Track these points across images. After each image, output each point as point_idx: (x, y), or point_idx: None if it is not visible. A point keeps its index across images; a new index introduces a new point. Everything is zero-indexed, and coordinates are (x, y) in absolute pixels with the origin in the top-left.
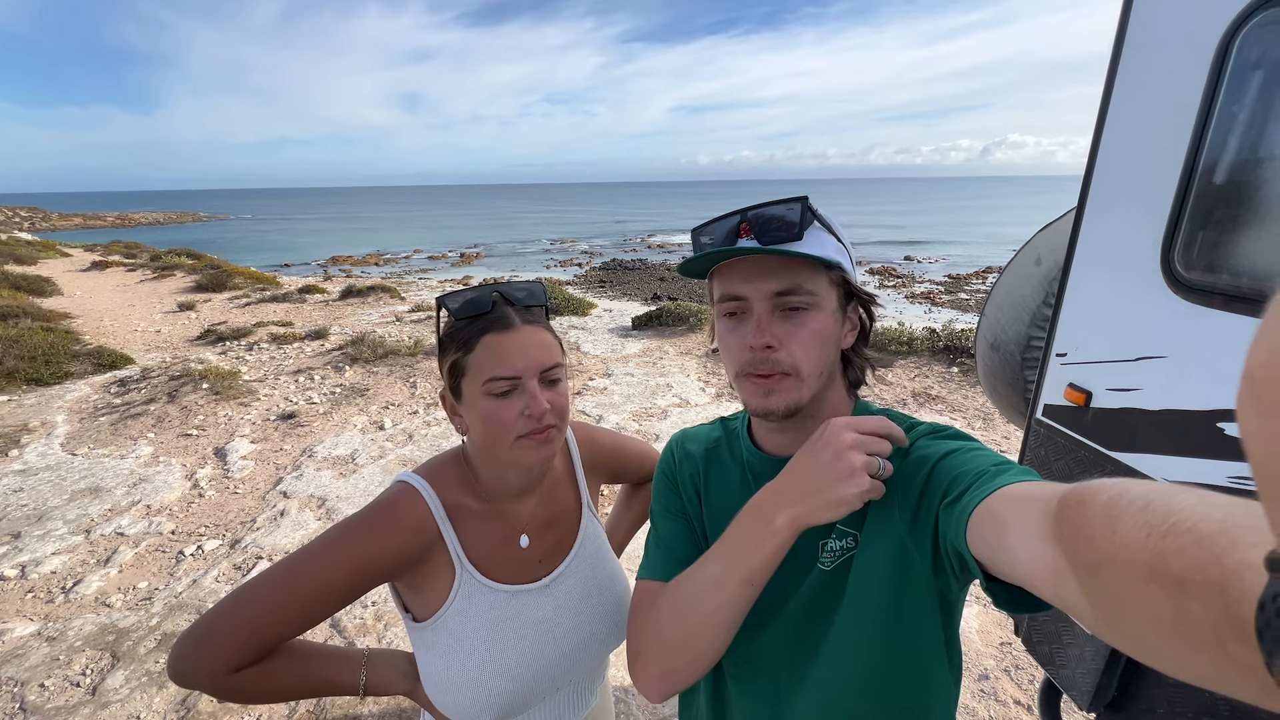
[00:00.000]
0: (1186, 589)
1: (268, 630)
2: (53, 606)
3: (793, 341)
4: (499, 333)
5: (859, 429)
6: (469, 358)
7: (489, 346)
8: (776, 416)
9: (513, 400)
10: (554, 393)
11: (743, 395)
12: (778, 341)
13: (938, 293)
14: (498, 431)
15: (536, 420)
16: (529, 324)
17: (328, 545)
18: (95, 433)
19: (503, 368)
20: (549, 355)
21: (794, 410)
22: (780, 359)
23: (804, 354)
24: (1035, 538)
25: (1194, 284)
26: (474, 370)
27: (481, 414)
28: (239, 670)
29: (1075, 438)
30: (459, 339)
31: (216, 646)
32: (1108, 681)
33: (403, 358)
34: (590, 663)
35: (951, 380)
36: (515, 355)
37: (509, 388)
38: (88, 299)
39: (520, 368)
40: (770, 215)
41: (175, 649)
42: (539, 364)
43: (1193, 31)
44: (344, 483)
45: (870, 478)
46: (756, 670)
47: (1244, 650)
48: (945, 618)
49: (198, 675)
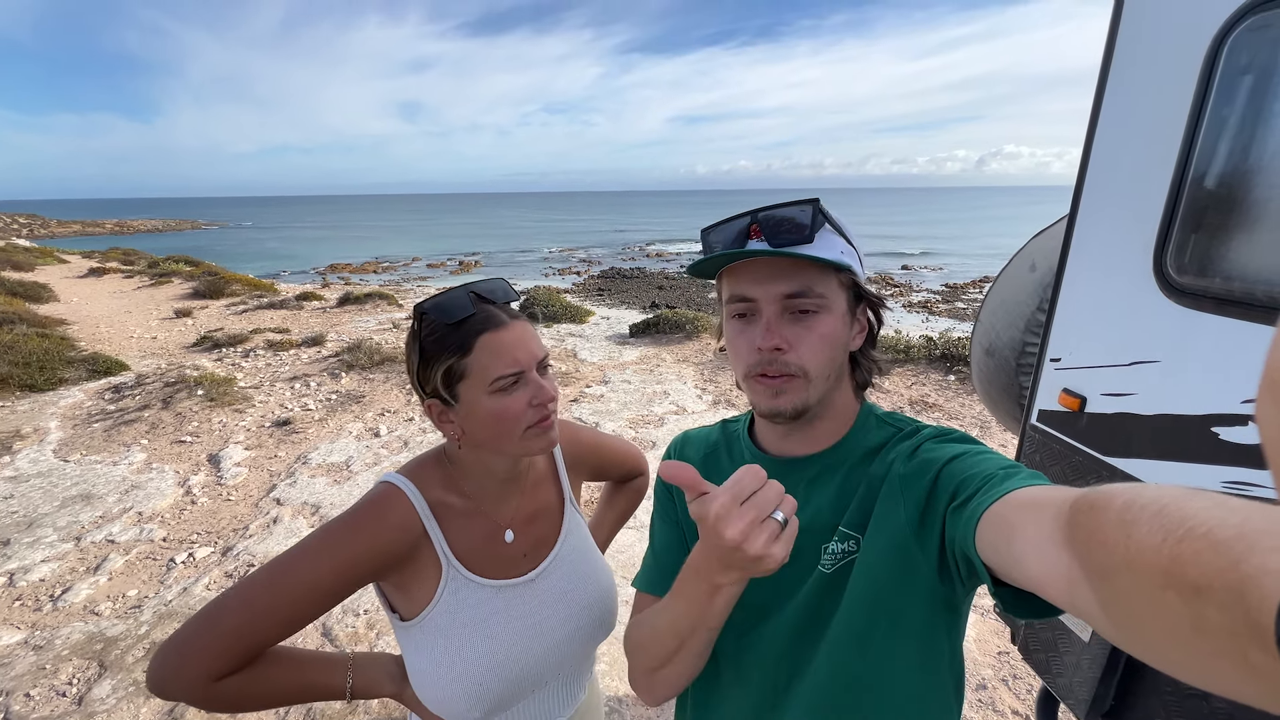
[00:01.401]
0: (1203, 595)
1: (252, 635)
2: (40, 614)
3: (802, 344)
4: (494, 331)
5: (739, 498)
6: (466, 360)
7: (487, 346)
8: (784, 418)
9: (518, 393)
10: (549, 380)
11: (751, 396)
12: (787, 344)
13: (935, 302)
14: (508, 426)
15: (544, 408)
16: (515, 318)
17: (313, 546)
18: (88, 439)
19: (507, 364)
20: (540, 346)
21: (801, 411)
22: (789, 361)
23: (813, 356)
24: (1047, 543)
25: (1186, 288)
26: (475, 372)
27: (489, 412)
28: (222, 679)
29: (1070, 443)
30: (450, 344)
31: (198, 653)
32: (1105, 690)
33: (399, 364)
34: (577, 656)
35: (949, 388)
36: (516, 349)
37: (514, 383)
38: (84, 305)
39: (523, 361)
40: (781, 217)
41: (155, 658)
42: (537, 354)
43: (1182, 37)
44: (338, 490)
45: (780, 534)
46: (752, 671)
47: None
48: (950, 624)
49: (179, 684)
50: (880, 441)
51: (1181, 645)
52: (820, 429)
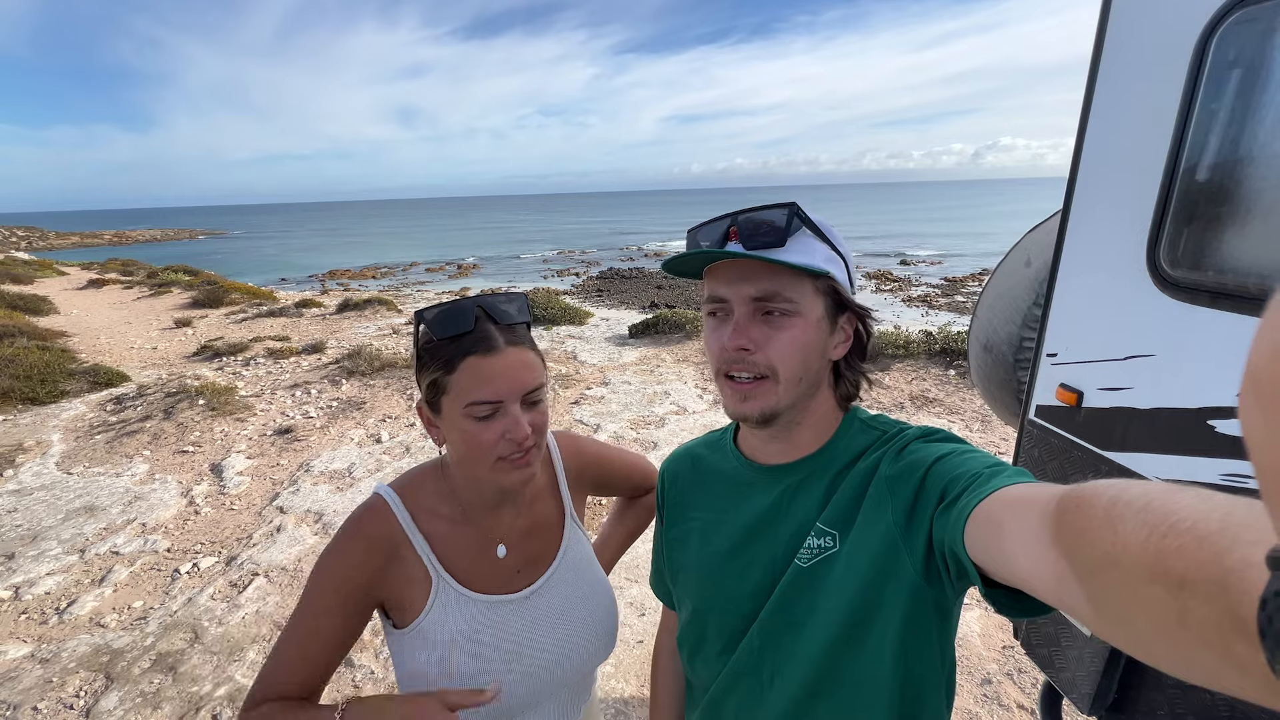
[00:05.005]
0: (1188, 588)
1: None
2: (46, 628)
3: (769, 345)
4: (482, 355)
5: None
6: (450, 378)
7: (471, 370)
8: (751, 422)
9: (494, 423)
10: (535, 413)
11: (721, 397)
12: (754, 345)
13: (934, 296)
14: (477, 453)
15: (518, 445)
16: (512, 345)
17: (311, 579)
18: (91, 451)
19: (485, 392)
20: (531, 377)
21: (770, 416)
22: (756, 361)
23: (780, 358)
24: (1035, 540)
25: (1180, 282)
26: (455, 391)
27: (461, 434)
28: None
29: (1068, 438)
30: (439, 357)
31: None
32: (1108, 684)
33: (400, 370)
34: (572, 677)
35: (949, 383)
36: (498, 379)
37: (490, 411)
38: (84, 317)
39: (503, 392)
40: (758, 220)
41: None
42: (521, 387)
43: (1171, 31)
44: (341, 497)
45: None
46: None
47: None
48: (938, 625)
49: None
50: (864, 446)
51: (1168, 639)
52: (800, 436)
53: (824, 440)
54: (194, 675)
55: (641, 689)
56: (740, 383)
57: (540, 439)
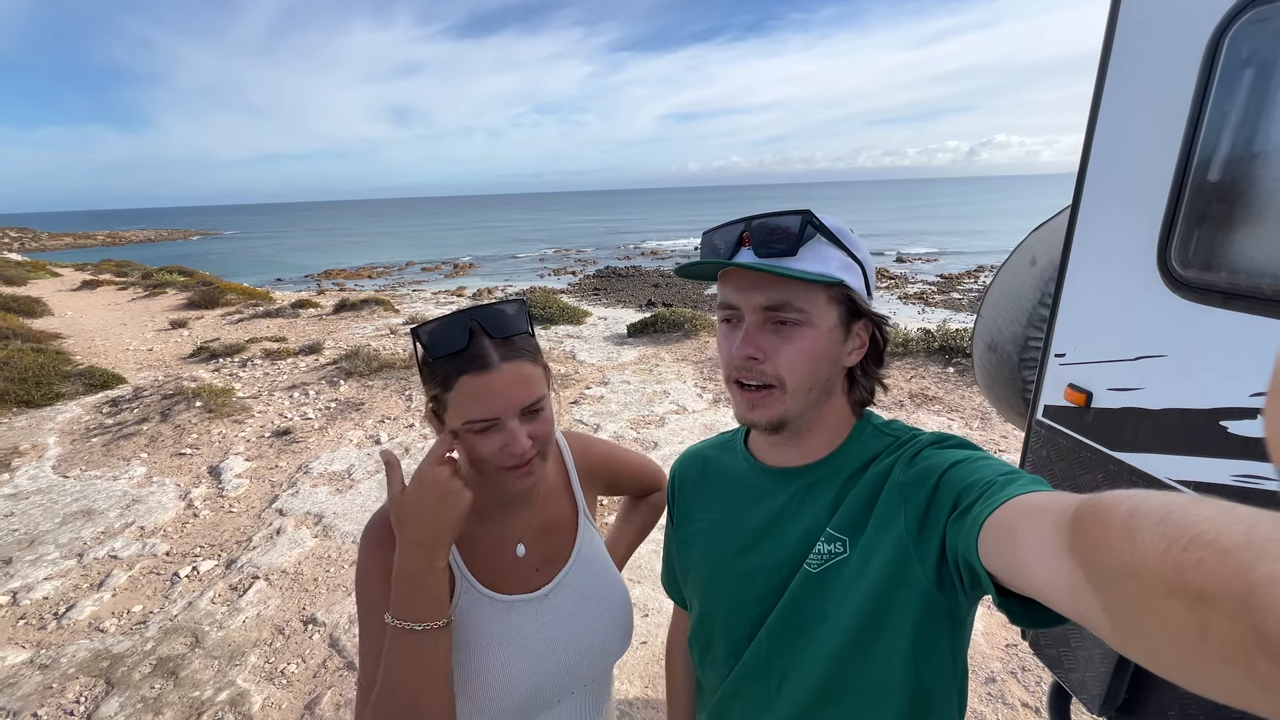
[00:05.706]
0: (1209, 603)
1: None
2: (45, 633)
3: (779, 355)
4: (476, 374)
5: None
6: (447, 396)
7: (466, 389)
8: (761, 429)
9: (492, 436)
10: (536, 423)
11: (732, 402)
12: (763, 354)
13: (931, 293)
14: (479, 465)
15: (517, 459)
16: (508, 360)
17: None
18: (87, 454)
19: (480, 410)
20: (529, 391)
21: (779, 424)
22: (765, 370)
23: (790, 368)
24: (1050, 550)
25: (1191, 282)
26: (453, 409)
27: (463, 446)
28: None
29: (1077, 438)
30: (436, 375)
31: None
32: (1118, 684)
33: (398, 371)
34: (591, 675)
35: (948, 380)
36: (493, 397)
37: (488, 427)
38: (79, 319)
39: (499, 409)
40: (771, 227)
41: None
42: (518, 403)
43: (1182, 29)
44: (341, 499)
45: None
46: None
47: (1270, 666)
48: (951, 634)
49: None
50: (876, 451)
51: (1186, 652)
52: (811, 441)
53: (836, 445)
54: (195, 680)
55: (646, 690)
56: (749, 390)
57: (543, 446)
